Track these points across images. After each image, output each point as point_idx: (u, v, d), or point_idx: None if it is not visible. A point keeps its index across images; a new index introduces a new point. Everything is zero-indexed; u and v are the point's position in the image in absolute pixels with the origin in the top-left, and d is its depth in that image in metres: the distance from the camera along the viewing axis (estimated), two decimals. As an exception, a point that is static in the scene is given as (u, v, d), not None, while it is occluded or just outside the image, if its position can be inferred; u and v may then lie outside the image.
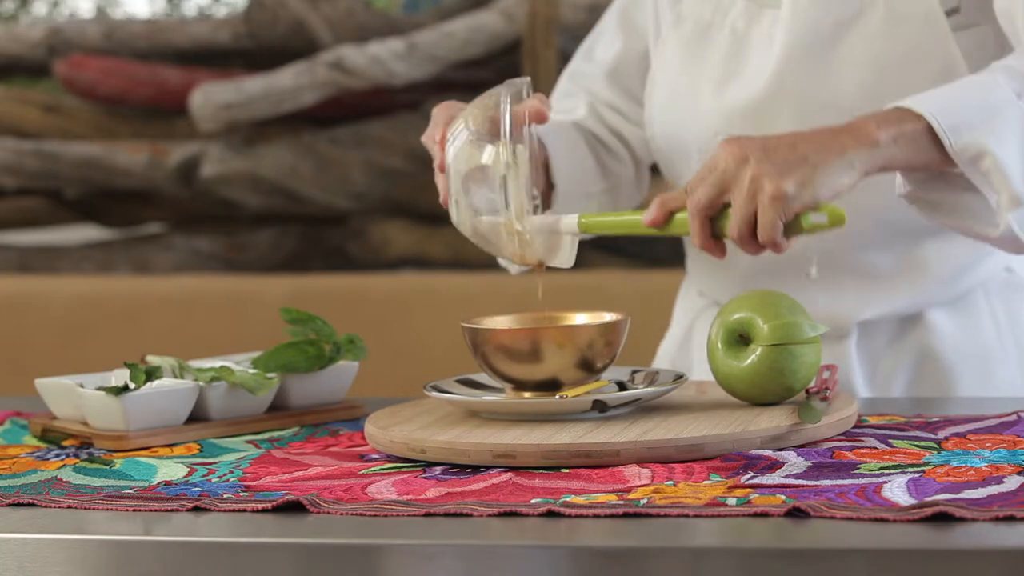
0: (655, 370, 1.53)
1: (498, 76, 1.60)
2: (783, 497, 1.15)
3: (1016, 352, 1.73)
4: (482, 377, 1.52)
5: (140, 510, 1.21)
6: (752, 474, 1.23)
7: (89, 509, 1.23)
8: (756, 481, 1.21)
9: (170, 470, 1.35)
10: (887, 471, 1.22)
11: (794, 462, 1.26)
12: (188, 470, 1.35)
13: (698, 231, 1.42)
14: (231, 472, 1.33)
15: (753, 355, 1.41)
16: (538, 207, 1.54)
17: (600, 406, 1.39)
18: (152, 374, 1.49)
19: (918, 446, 1.32)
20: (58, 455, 1.44)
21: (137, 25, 3.88)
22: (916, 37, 1.60)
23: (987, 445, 1.31)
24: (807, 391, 1.45)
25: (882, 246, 1.68)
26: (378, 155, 3.61)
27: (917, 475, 1.20)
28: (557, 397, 1.41)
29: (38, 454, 1.45)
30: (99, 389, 1.46)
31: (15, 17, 6.20)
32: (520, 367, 1.43)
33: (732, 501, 1.15)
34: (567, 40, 3.51)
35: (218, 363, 1.56)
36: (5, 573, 1.14)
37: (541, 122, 1.52)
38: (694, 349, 1.81)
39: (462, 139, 1.48)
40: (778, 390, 1.42)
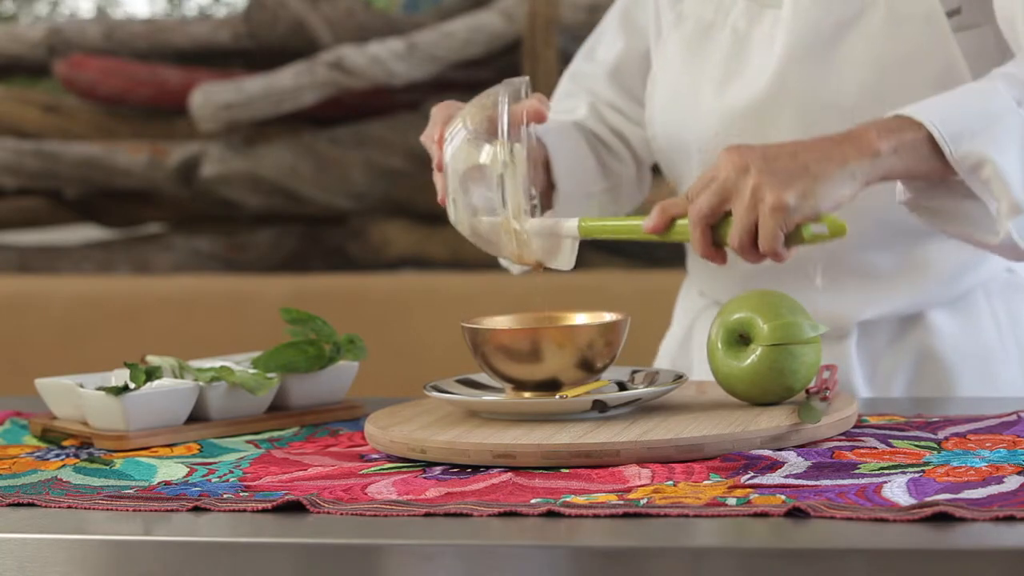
0: (655, 370, 1.53)
1: (498, 76, 1.59)
2: (783, 497, 1.15)
3: (1017, 352, 1.73)
4: (482, 377, 1.52)
5: (140, 510, 1.21)
6: (752, 474, 1.23)
7: (89, 509, 1.22)
8: (756, 481, 1.21)
9: (170, 470, 1.35)
10: (887, 471, 1.22)
11: (794, 462, 1.26)
12: (188, 470, 1.35)
13: (699, 240, 1.41)
14: (231, 472, 1.33)
15: (753, 355, 1.41)
16: (536, 206, 1.54)
17: (600, 406, 1.39)
18: (152, 374, 1.49)
19: (918, 446, 1.32)
20: (58, 455, 1.44)
21: (137, 25, 3.87)
22: (917, 37, 1.60)
23: (987, 445, 1.31)
24: (807, 391, 1.45)
25: (882, 246, 1.67)
26: (378, 155, 3.61)
27: (917, 475, 1.20)
28: (557, 397, 1.41)
29: (38, 454, 1.45)
30: (99, 389, 1.46)
31: (15, 17, 6.19)
32: (520, 367, 1.43)
33: (732, 501, 1.15)
34: (567, 40, 3.51)
35: (218, 363, 1.56)
36: (5, 573, 1.14)
37: (539, 121, 1.52)
38: (694, 349, 1.81)
39: (460, 138, 1.48)
40: (778, 390, 1.42)
